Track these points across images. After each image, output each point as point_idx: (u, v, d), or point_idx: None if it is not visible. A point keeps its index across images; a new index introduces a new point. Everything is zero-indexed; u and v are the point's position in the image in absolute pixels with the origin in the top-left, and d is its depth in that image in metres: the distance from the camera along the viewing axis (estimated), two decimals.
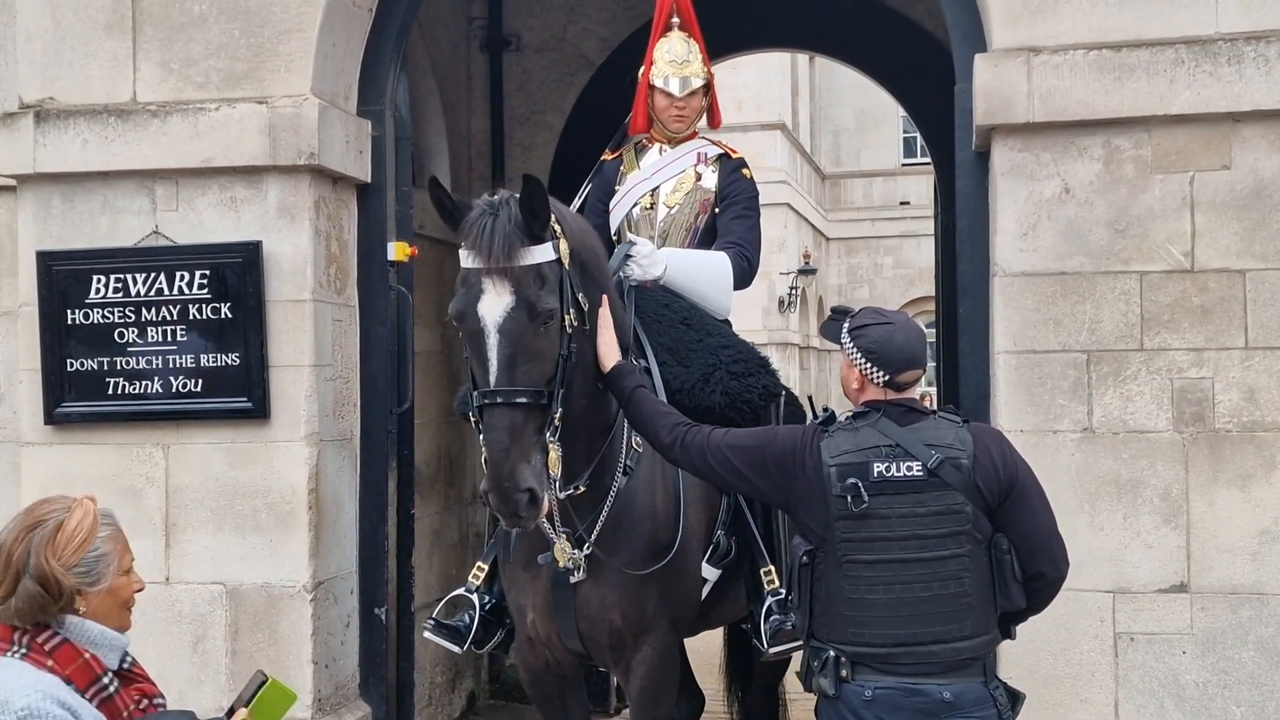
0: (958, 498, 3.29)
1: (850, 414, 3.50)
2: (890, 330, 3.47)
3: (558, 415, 3.73)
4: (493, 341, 3.65)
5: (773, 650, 4.49)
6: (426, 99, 7.65)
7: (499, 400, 3.62)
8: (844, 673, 3.33)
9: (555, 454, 3.72)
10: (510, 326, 3.66)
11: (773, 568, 4.60)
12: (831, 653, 3.35)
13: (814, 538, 3.41)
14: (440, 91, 7.79)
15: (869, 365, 3.45)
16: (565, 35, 8.43)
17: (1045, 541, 3.42)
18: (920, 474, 3.30)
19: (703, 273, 4.95)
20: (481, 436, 3.68)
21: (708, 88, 5.16)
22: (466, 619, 4.54)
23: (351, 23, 5.40)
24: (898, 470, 3.31)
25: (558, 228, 3.85)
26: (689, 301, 4.87)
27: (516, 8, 8.34)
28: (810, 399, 5.18)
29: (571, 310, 3.83)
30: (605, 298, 4.08)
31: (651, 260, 4.80)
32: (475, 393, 3.72)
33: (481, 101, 8.21)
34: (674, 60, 5.05)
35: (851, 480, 3.30)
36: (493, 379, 3.65)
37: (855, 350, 3.48)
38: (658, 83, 5.07)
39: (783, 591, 4.56)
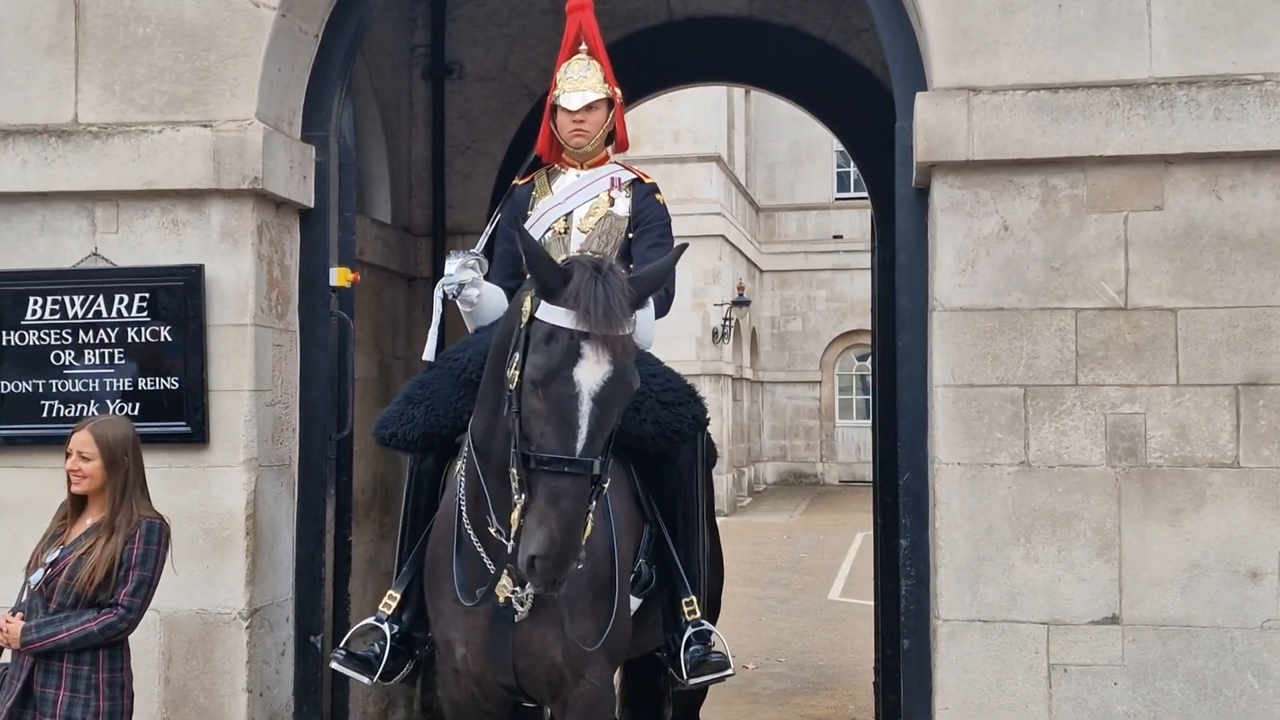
0: None
1: None
2: None
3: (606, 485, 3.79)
4: (585, 409, 3.61)
5: (693, 681, 4.50)
6: (368, 125, 7.64)
7: (578, 470, 3.58)
8: None
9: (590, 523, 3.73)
10: (605, 397, 3.63)
11: (694, 597, 4.59)
12: None
13: None
14: (382, 118, 7.79)
15: None
16: (507, 65, 8.44)
17: None
18: None
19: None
20: (533, 498, 3.59)
21: (611, 105, 5.11)
22: (377, 649, 4.47)
23: (297, 48, 5.39)
24: None
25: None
26: None
27: (459, 36, 8.35)
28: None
29: None
30: None
31: None
32: (534, 450, 3.62)
33: (423, 129, 8.19)
34: (570, 78, 5.06)
35: None
36: (579, 447, 3.59)
37: None
38: (557, 101, 5.06)
39: (704, 623, 4.57)
